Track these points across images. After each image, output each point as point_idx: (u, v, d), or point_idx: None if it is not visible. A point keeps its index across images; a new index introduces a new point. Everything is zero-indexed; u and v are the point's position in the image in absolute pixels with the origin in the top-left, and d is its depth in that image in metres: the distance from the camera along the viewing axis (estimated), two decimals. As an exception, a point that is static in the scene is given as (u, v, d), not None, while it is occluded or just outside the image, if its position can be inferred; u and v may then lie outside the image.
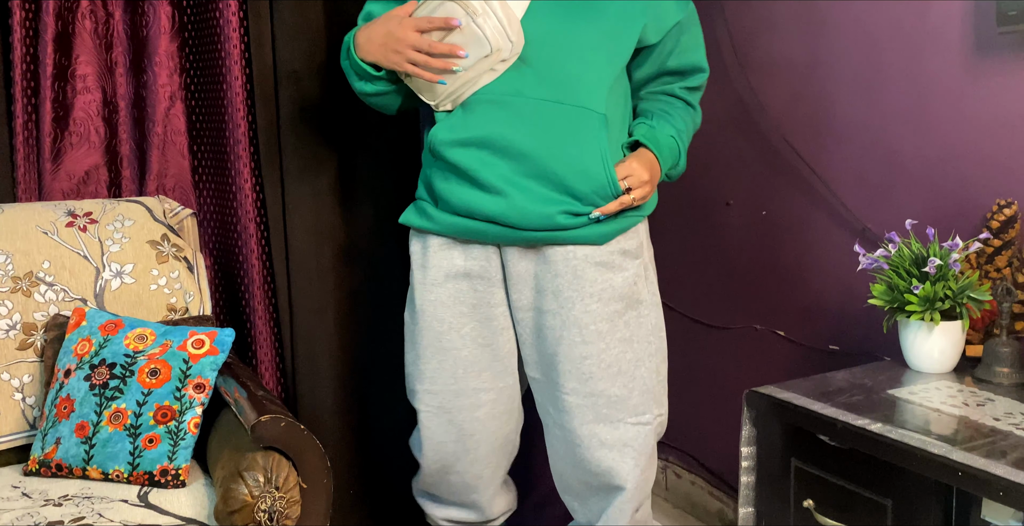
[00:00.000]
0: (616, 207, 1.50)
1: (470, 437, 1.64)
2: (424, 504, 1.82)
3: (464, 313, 1.58)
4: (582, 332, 1.52)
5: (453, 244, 1.57)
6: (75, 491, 1.53)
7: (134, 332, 1.65)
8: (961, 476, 1.14)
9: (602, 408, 1.53)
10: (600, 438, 1.53)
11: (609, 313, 1.54)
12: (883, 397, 1.41)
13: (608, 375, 1.54)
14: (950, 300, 1.46)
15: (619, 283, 1.55)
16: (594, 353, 1.53)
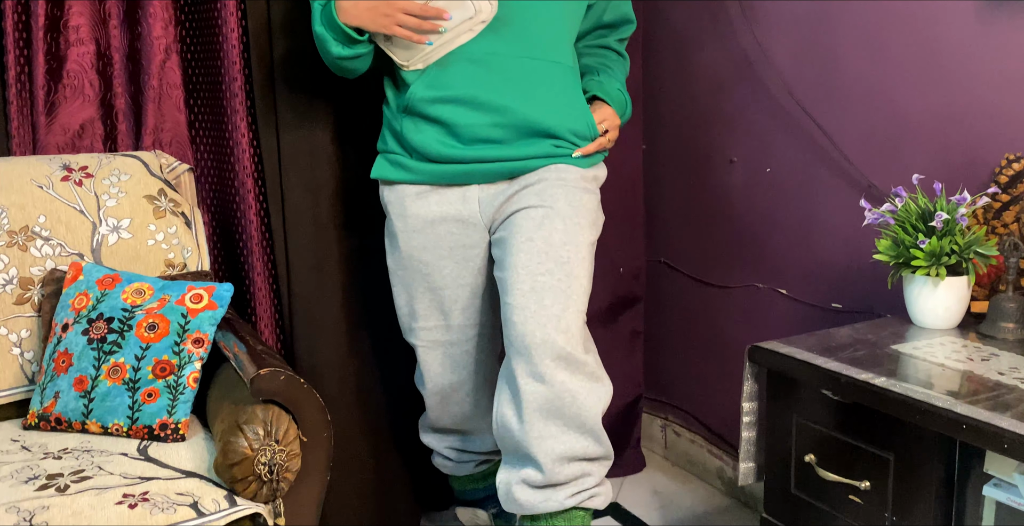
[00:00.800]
0: (595, 148, 1.68)
1: (464, 368, 1.76)
2: (428, 439, 1.90)
3: (443, 255, 1.69)
4: (565, 222, 1.57)
5: (430, 191, 1.66)
6: (74, 444, 1.52)
7: (131, 286, 1.64)
8: (965, 429, 1.13)
9: (572, 296, 1.54)
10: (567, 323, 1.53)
11: (587, 213, 1.62)
12: (887, 352, 1.40)
13: (582, 267, 1.57)
14: (956, 255, 1.45)
15: (593, 198, 1.67)
16: (573, 242, 1.57)
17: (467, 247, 1.68)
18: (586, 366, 1.52)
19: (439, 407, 1.82)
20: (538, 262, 1.54)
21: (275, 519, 1.40)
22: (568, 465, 1.50)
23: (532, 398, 1.49)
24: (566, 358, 1.50)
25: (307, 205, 1.94)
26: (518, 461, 1.55)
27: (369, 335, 2.04)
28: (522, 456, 1.52)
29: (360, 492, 2.09)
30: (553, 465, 1.49)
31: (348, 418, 2.04)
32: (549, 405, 1.49)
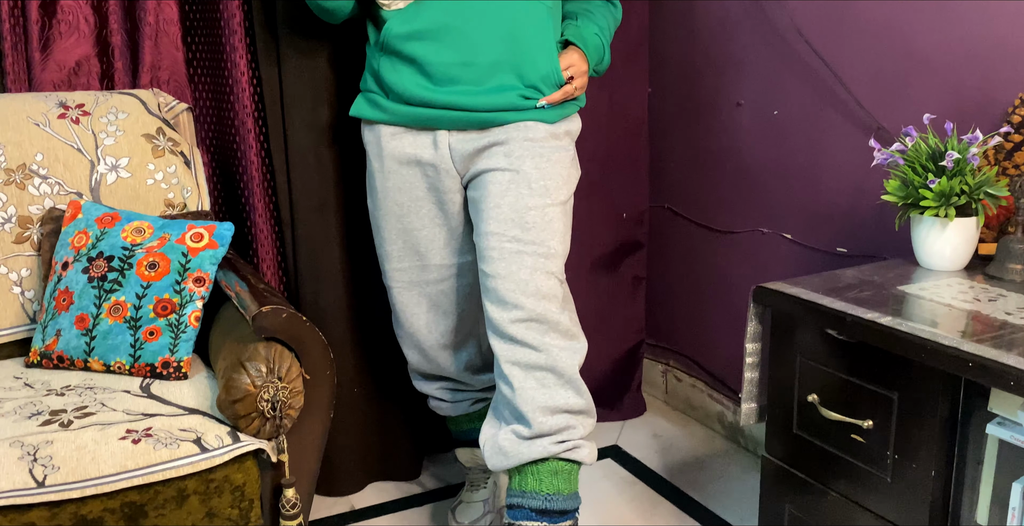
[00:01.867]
0: (560, 96, 1.62)
1: (437, 307, 1.77)
2: (420, 385, 1.91)
3: (420, 197, 1.69)
4: (531, 186, 1.57)
5: (403, 132, 1.66)
6: (77, 382, 1.52)
7: (131, 225, 1.62)
8: (971, 367, 1.12)
9: (540, 258, 1.54)
10: (537, 284, 1.53)
11: (555, 173, 1.60)
12: (893, 293, 1.39)
13: (551, 229, 1.57)
14: (966, 196, 1.43)
15: (563, 154, 1.63)
16: (536, 206, 1.56)
17: (441, 191, 1.67)
18: (559, 325, 1.53)
19: (418, 353, 1.82)
20: (505, 229, 1.56)
21: (278, 455, 1.40)
22: (552, 417, 1.51)
23: (508, 357, 1.52)
24: (538, 320, 1.52)
25: (309, 145, 1.91)
26: (503, 418, 1.55)
27: (374, 279, 2.03)
28: (508, 411, 1.53)
29: (363, 435, 2.10)
30: (536, 415, 1.50)
31: (352, 362, 2.04)
32: (526, 362, 1.52)
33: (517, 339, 1.52)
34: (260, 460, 1.40)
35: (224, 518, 1.37)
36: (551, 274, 1.55)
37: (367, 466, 2.13)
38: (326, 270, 1.98)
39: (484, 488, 1.96)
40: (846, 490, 1.37)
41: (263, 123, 1.91)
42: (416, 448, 2.19)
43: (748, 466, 2.21)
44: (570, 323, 1.56)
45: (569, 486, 1.55)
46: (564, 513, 1.55)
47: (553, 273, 1.56)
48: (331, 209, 1.95)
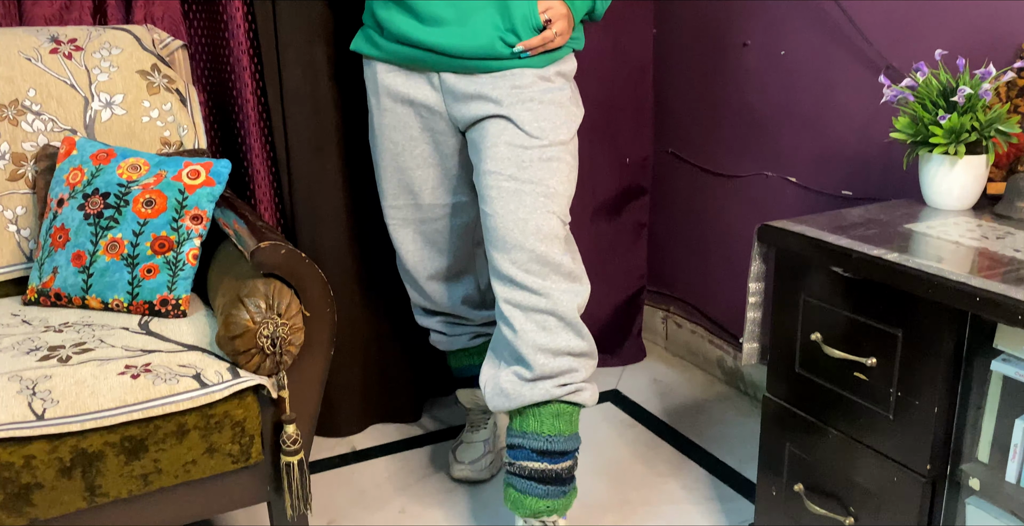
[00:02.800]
0: (539, 42, 1.55)
1: (432, 245, 1.78)
2: (421, 319, 1.92)
3: (414, 137, 1.67)
4: (526, 128, 1.54)
5: (398, 71, 1.63)
6: (75, 319, 1.51)
7: (127, 162, 1.60)
8: (978, 302, 1.11)
9: (540, 196, 1.52)
10: (536, 223, 1.51)
11: (549, 113, 1.55)
12: (899, 231, 1.37)
13: (550, 168, 1.53)
14: (976, 133, 1.40)
15: (558, 94, 1.58)
16: (535, 145, 1.53)
17: (436, 132, 1.66)
18: (561, 266, 1.51)
19: (415, 288, 1.83)
20: (502, 167, 1.53)
21: (278, 392, 1.40)
22: (554, 359, 1.50)
23: (508, 298, 1.51)
24: (537, 260, 1.49)
25: (306, 84, 1.87)
26: (504, 359, 1.54)
27: (373, 221, 2.01)
28: (509, 353, 1.52)
29: (364, 376, 2.10)
30: (537, 357, 1.49)
31: (351, 304, 2.03)
32: (527, 305, 1.50)
33: (517, 281, 1.50)
34: (260, 396, 1.39)
35: (225, 453, 1.37)
36: (552, 213, 1.52)
37: (368, 408, 2.14)
38: (324, 212, 1.96)
39: (484, 428, 1.96)
40: (848, 428, 1.37)
41: (259, 61, 1.88)
42: (417, 390, 2.19)
43: (747, 410, 2.22)
44: (572, 264, 1.53)
45: (570, 427, 1.56)
46: (564, 453, 1.56)
47: (554, 212, 1.53)
48: (329, 150, 1.93)
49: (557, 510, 1.56)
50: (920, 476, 1.27)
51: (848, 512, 1.39)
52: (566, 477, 1.56)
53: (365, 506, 1.85)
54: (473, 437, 1.96)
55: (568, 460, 1.57)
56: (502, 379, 1.53)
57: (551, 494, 1.55)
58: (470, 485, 1.92)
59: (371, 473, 1.97)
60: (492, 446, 1.95)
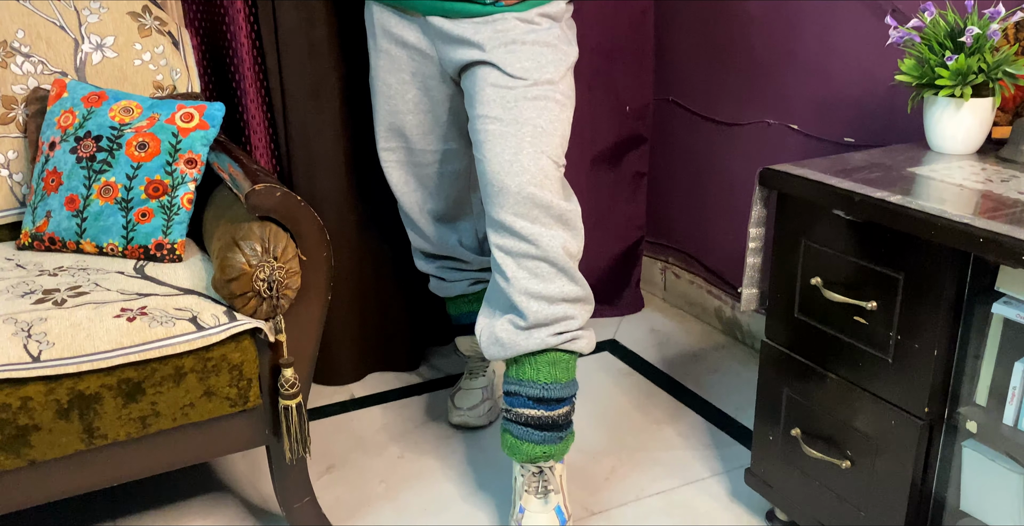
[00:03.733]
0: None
1: (426, 188, 1.77)
2: (420, 264, 1.91)
3: (406, 80, 1.65)
4: (509, 70, 1.51)
5: (392, 13, 1.61)
6: (70, 263, 1.50)
7: (119, 104, 1.57)
8: (982, 243, 1.10)
9: (527, 136, 1.48)
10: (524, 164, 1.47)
11: (533, 53, 1.51)
12: (903, 174, 1.35)
13: (537, 106, 1.49)
14: (983, 75, 1.37)
15: (543, 34, 1.54)
16: (517, 86, 1.50)
17: (427, 77, 1.63)
18: (551, 208, 1.47)
19: (414, 230, 1.83)
20: (488, 110, 1.50)
21: (276, 335, 1.39)
22: (549, 307, 1.48)
23: (500, 245, 1.48)
24: (526, 202, 1.45)
25: (301, 26, 1.84)
26: (499, 307, 1.53)
27: (372, 167, 1.98)
28: (503, 301, 1.51)
29: (362, 325, 2.10)
30: (531, 305, 1.47)
31: (349, 252, 2.02)
32: (518, 252, 1.47)
33: (507, 227, 1.46)
34: (258, 340, 1.38)
35: (222, 397, 1.37)
36: (541, 153, 1.48)
37: (367, 356, 2.14)
38: (322, 158, 1.94)
39: (483, 376, 1.97)
40: (846, 373, 1.37)
41: (252, 2, 1.83)
42: (416, 339, 2.19)
43: (744, 359, 2.22)
44: (565, 205, 1.49)
45: (567, 374, 1.55)
46: (561, 400, 1.55)
47: (544, 152, 1.48)
48: (327, 94, 1.89)
49: (554, 455, 1.57)
50: (917, 419, 1.27)
51: (845, 456, 1.40)
52: (563, 423, 1.56)
53: (364, 452, 1.86)
54: (471, 384, 1.96)
55: (564, 406, 1.56)
56: (497, 328, 1.52)
57: (548, 440, 1.55)
58: (468, 432, 1.92)
59: (369, 420, 1.98)
60: (490, 393, 1.96)
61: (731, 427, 1.93)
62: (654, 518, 1.64)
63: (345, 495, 1.72)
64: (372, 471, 1.79)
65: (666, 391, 2.08)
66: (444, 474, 1.78)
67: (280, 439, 1.46)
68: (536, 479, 1.58)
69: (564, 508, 1.59)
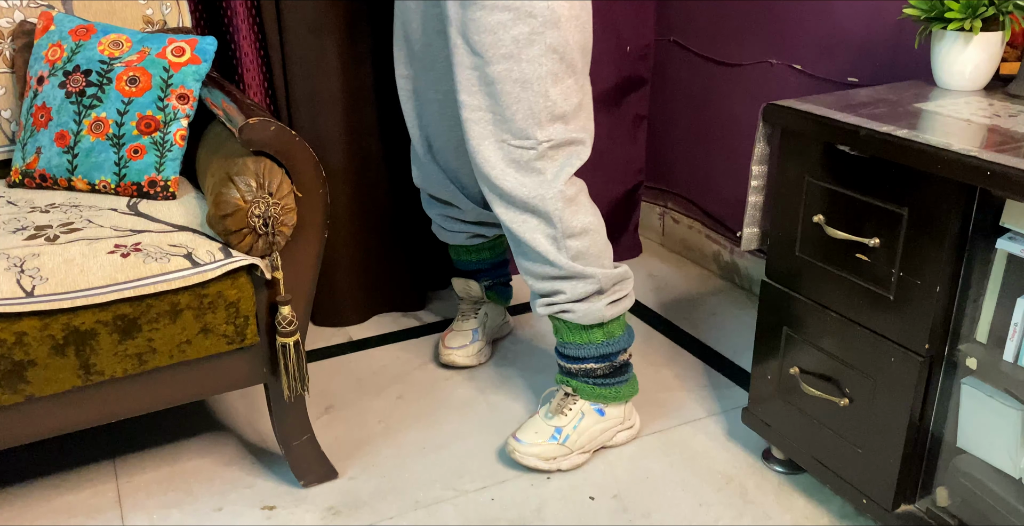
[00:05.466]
0: None
1: (428, 126, 1.72)
2: (425, 206, 1.90)
3: (413, 8, 1.60)
4: (468, 42, 1.44)
5: None
6: (62, 200, 1.48)
7: (108, 38, 1.53)
8: (989, 176, 1.08)
9: (487, 124, 1.46)
10: (485, 155, 1.47)
11: (492, 24, 1.40)
12: (909, 109, 1.33)
13: (492, 92, 1.44)
14: (994, 7, 1.34)
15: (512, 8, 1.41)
16: (477, 65, 1.44)
17: (431, 4, 1.56)
18: (513, 198, 1.48)
19: (418, 165, 1.80)
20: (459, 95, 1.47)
21: (272, 273, 1.38)
22: (539, 282, 1.55)
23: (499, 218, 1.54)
24: (493, 190, 1.50)
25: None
26: None
27: (375, 105, 1.95)
28: None
29: (364, 266, 2.09)
30: (527, 278, 1.57)
31: (351, 193, 2.00)
32: (505, 229, 1.54)
33: (492, 207, 1.52)
34: (254, 277, 1.37)
35: (219, 334, 1.36)
36: (500, 142, 1.46)
37: (369, 298, 2.13)
38: (323, 96, 1.90)
39: (474, 318, 1.96)
40: (847, 310, 1.36)
41: (245, -66, 1.78)
42: (418, 280, 2.18)
43: (743, 303, 2.22)
44: (527, 192, 1.47)
45: (574, 337, 1.60)
46: (575, 358, 1.62)
47: (503, 140, 1.46)
48: (329, 29, 1.85)
49: (576, 389, 1.64)
50: (918, 356, 1.26)
51: (843, 394, 1.40)
52: (577, 373, 1.63)
53: (362, 392, 1.86)
54: (463, 326, 1.96)
55: (579, 364, 1.62)
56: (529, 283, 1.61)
57: (567, 373, 1.65)
58: (466, 373, 1.93)
59: (368, 362, 1.98)
60: (481, 335, 1.96)
61: (728, 369, 1.93)
62: (651, 457, 1.65)
63: (344, 434, 1.72)
64: (371, 411, 1.80)
65: (663, 334, 2.08)
66: (442, 414, 1.78)
67: (278, 377, 1.46)
68: (558, 399, 1.65)
69: (563, 437, 1.60)
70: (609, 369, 1.61)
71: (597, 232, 1.56)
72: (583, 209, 1.53)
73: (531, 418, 1.65)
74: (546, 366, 1.94)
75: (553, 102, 1.45)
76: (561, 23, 1.41)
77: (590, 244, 1.54)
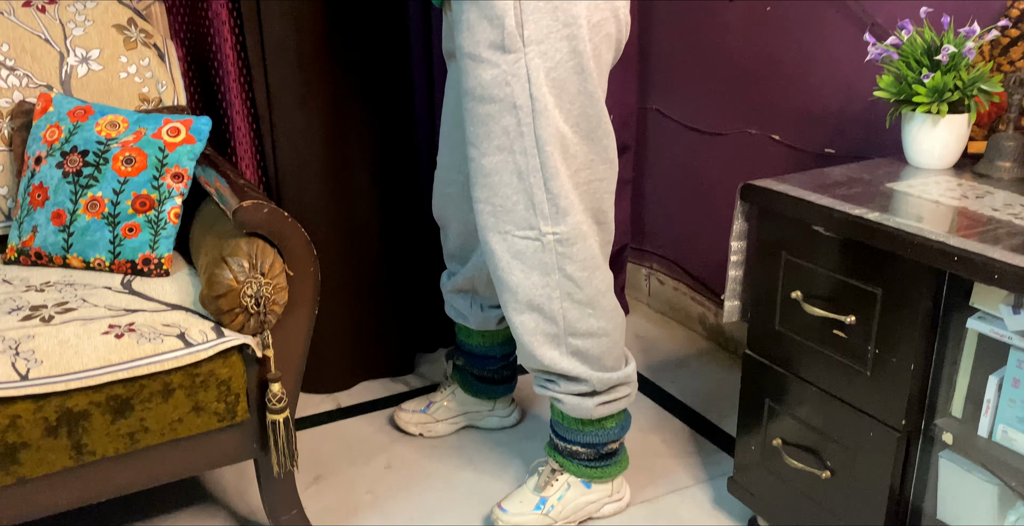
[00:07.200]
0: None
1: (445, 208, 1.72)
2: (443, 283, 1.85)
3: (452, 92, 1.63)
4: (466, 134, 1.42)
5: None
6: (57, 278, 1.51)
7: (105, 119, 1.58)
8: (956, 261, 1.12)
9: (489, 216, 1.43)
10: (492, 247, 1.45)
11: (483, 116, 1.38)
12: (881, 190, 1.38)
13: (490, 183, 1.41)
14: (959, 92, 1.40)
15: (488, 80, 1.35)
16: (475, 156, 1.41)
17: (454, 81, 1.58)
18: (517, 293, 1.46)
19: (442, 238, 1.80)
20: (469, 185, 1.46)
21: (263, 351, 1.40)
22: (535, 369, 1.56)
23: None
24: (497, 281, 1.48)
25: (288, 36, 1.84)
26: None
27: (360, 173, 2.00)
28: None
29: (352, 333, 2.11)
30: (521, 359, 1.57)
31: (339, 261, 2.03)
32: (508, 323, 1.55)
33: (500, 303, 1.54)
34: (245, 355, 1.40)
35: (211, 412, 1.38)
36: (502, 234, 1.43)
37: (356, 365, 2.15)
38: (310, 166, 1.94)
39: (441, 391, 1.97)
40: (826, 384, 1.39)
41: (238, 13, 1.84)
42: (406, 344, 2.20)
43: (728, 366, 2.24)
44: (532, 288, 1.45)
45: (565, 421, 1.62)
46: (563, 438, 1.64)
47: (506, 232, 1.43)
48: (314, 102, 1.90)
49: (563, 465, 1.65)
50: (895, 431, 1.29)
51: (825, 466, 1.42)
52: (567, 454, 1.64)
53: (352, 461, 1.87)
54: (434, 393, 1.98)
55: (567, 445, 1.64)
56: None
57: (555, 448, 1.66)
58: (455, 440, 1.94)
59: (357, 429, 1.99)
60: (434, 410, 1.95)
61: (715, 434, 1.96)
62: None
63: (333, 505, 1.73)
64: (359, 480, 1.81)
65: (650, 398, 2.11)
66: (430, 483, 1.79)
67: (268, 452, 1.47)
68: (546, 473, 1.66)
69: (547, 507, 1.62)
70: (595, 455, 1.63)
71: (608, 336, 1.51)
72: (598, 313, 1.48)
73: (518, 488, 1.67)
74: (536, 432, 1.96)
75: (554, 194, 1.39)
76: (548, 111, 1.35)
77: (595, 346, 1.50)
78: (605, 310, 1.50)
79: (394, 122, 2.01)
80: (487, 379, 1.89)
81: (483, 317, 1.79)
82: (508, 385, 1.92)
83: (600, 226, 1.48)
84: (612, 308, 1.51)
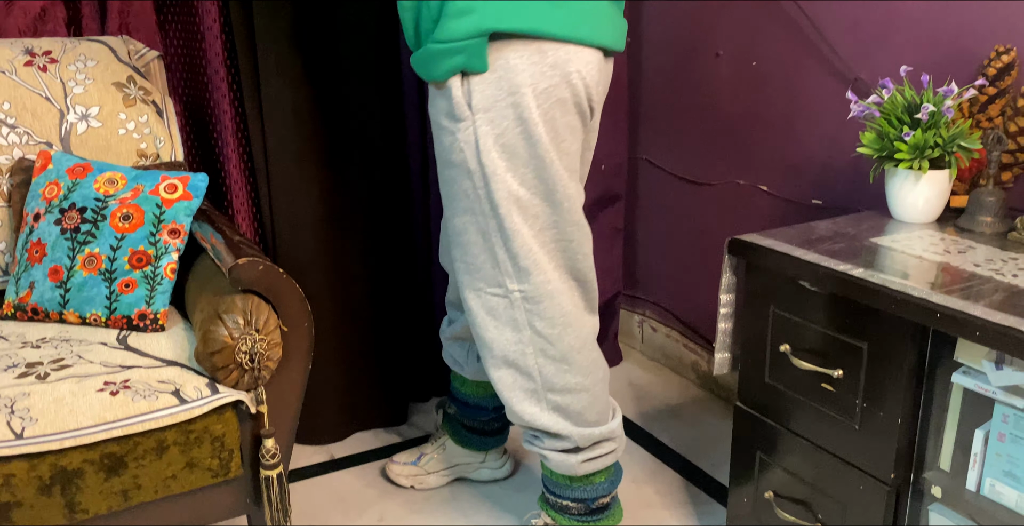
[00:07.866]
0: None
1: (447, 256, 1.71)
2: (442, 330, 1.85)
3: None
4: (441, 195, 1.49)
5: None
6: (53, 334, 1.52)
7: (103, 176, 1.60)
8: (939, 318, 1.15)
9: (464, 273, 1.48)
10: (469, 303, 1.49)
11: (448, 179, 1.44)
12: (865, 245, 1.40)
13: (461, 242, 1.46)
14: (940, 148, 1.44)
15: (447, 146, 1.41)
16: (448, 216, 1.48)
17: None
18: (492, 349, 1.49)
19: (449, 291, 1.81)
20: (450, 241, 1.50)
21: (257, 407, 1.41)
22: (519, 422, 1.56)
23: None
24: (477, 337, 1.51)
25: (285, 93, 1.88)
26: None
27: (353, 227, 2.02)
28: None
29: (345, 385, 2.12)
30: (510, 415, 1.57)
31: (332, 313, 2.04)
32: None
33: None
34: (239, 411, 1.40)
35: (204, 468, 1.38)
36: (476, 291, 1.47)
37: (351, 415, 2.15)
38: (304, 220, 1.97)
39: (432, 443, 1.97)
40: (816, 437, 1.40)
41: (235, 70, 1.88)
42: (399, 395, 2.21)
43: (721, 414, 2.25)
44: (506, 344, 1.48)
45: (554, 476, 1.62)
46: (552, 492, 1.64)
47: (479, 289, 1.47)
48: (309, 158, 1.93)
49: (555, 519, 1.65)
50: (884, 484, 1.30)
51: (816, 519, 1.43)
52: (557, 508, 1.65)
53: (346, 514, 1.87)
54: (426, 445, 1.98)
55: (557, 499, 1.64)
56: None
57: (546, 501, 1.67)
58: (448, 492, 1.94)
59: (350, 481, 1.99)
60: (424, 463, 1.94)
61: (708, 485, 1.96)
62: (632, 579, 1.66)
63: (326, 559, 1.72)
64: (353, 533, 1.80)
65: (643, 447, 2.11)
66: (424, 536, 1.79)
67: (261, 508, 1.47)
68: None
69: None
70: (586, 510, 1.63)
71: (588, 391, 1.52)
72: (574, 369, 1.49)
73: None
74: (529, 484, 1.96)
75: (514, 254, 1.42)
76: (499, 175, 1.37)
77: (575, 401, 1.51)
78: (581, 366, 1.50)
79: (388, 175, 2.04)
80: (478, 430, 1.89)
81: (478, 367, 1.79)
82: (499, 437, 1.92)
83: (580, 283, 1.50)
84: (589, 363, 1.52)
